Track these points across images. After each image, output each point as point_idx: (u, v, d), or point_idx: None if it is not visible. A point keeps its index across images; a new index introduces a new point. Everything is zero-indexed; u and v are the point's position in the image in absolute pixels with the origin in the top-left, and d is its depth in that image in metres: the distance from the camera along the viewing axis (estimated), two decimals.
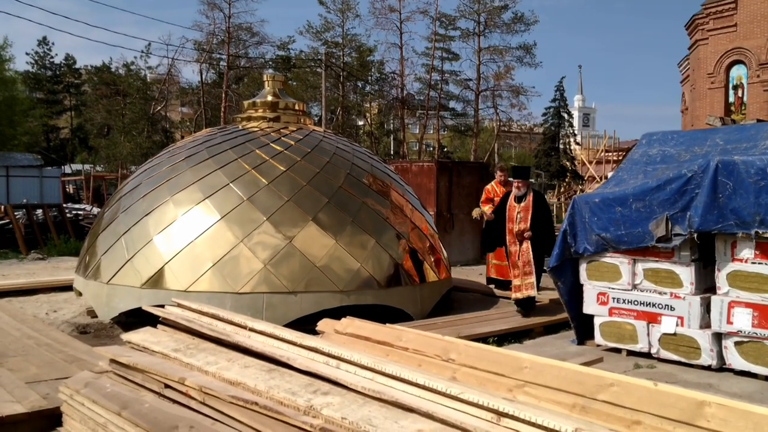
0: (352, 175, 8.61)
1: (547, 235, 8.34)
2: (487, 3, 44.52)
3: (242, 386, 3.33)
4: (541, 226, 8.35)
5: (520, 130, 58.41)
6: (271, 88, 9.83)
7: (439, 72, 46.46)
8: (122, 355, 4.17)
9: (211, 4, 40.72)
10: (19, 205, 18.89)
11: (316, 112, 43.18)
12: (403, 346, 4.74)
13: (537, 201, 8.49)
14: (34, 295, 10.11)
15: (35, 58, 55.17)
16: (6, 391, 4.98)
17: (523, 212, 8.39)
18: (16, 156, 31.55)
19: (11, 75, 36.60)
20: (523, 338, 7.65)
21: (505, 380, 3.81)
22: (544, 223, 8.43)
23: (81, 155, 50.48)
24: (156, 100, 43.57)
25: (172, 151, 9.42)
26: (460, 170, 15.00)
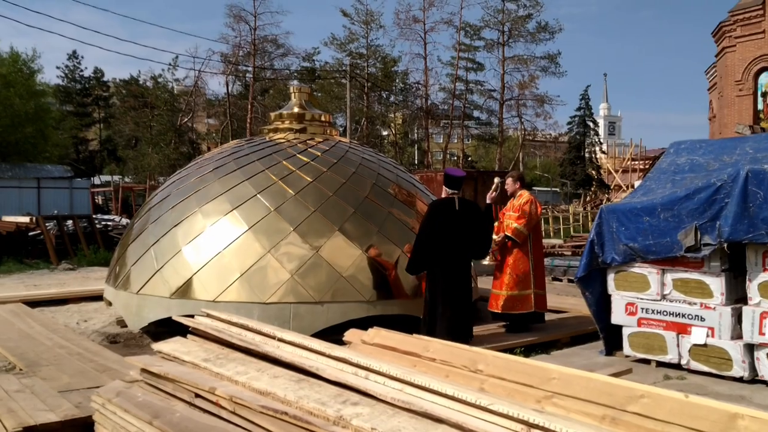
0: (378, 185, 8.64)
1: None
2: (512, 12, 44.58)
3: (272, 396, 3.35)
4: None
5: (545, 139, 58.25)
6: (297, 100, 9.91)
7: (463, 82, 46.52)
8: (153, 365, 4.22)
9: (237, 16, 41.29)
10: (50, 216, 19.21)
11: (341, 122, 43.38)
12: (430, 356, 4.74)
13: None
14: (65, 305, 10.27)
15: (65, 72, 56.21)
16: (40, 400, 5.07)
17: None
18: (47, 168, 32.15)
19: (42, 88, 37.25)
20: (551, 349, 7.60)
21: (534, 391, 3.80)
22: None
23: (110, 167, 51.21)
24: (183, 112, 44.13)
25: (201, 162, 9.54)
26: (485, 179, 15.01)
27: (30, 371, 6.05)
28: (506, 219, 8.02)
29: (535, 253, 7.95)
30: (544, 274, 8.25)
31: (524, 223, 7.79)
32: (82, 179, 34.68)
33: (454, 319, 6.80)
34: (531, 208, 7.89)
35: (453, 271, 6.91)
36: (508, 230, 7.83)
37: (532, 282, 7.82)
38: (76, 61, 56.56)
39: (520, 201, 7.99)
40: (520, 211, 7.88)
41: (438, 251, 6.87)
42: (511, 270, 7.76)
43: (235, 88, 46.90)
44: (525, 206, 7.88)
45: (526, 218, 7.81)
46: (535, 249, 7.96)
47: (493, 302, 7.96)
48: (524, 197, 7.99)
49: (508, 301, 7.76)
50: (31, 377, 5.82)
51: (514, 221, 7.84)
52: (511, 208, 8.08)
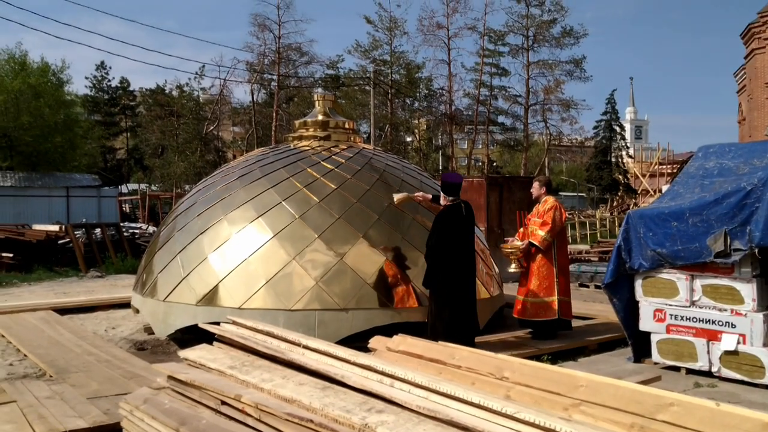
0: (402, 192, 8.62)
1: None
2: (536, 18, 44.41)
3: (297, 403, 3.36)
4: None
5: (571, 144, 57.81)
6: (321, 108, 9.95)
7: (488, 87, 46.45)
8: (180, 372, 4.25)
9: (261, 25, 41.62)
10: (78, 224, 19.47)
11: (365, 129, 43.50)
12: (455, 363, 4.71)
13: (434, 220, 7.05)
14: (93, 312, 10.39)
15: (93, 82, 57.05)
16: (69, 407, 5.13)
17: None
18: (75, 177, 32.64)
19: (71, 98, 37.84)
20: (578, 356, 7.53)
21: (561, 399, 3.75)
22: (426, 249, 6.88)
23: (137, 175, 51.85)
24: (208, 121, 44.56)
25: (226, 170, 9.61)
26: (511, 185, 14.89)
27: (60, 378, 6.13)
28: (531, 225, 7.98)
29: (560, 260, 7.91)
30: (569, 281, 8.16)
31: (549, 230, 7.74)
32: (110, 188, 35.19)
33: (468, 322, 6.69)
34: (555, 215, 7.83)
35: (466, 277, 6.80)
36: (533, 238, 7.81)
37: (557, 289, 7.76)
38: (104, 72, 57.43)
39: (545, 207, 7.95)
40: (545, 217, 7.83)
41: (452, 259, 6.70)
42: (536, 277, 7.74)
43: (260, 96, 47.29)
44: (549, 212, 7.82)
45: (551, 225, 7.76)
46: (559, 255, 7.91)
47: (517, 308, 7.93)
48: (549, 203, 7.95)
49: (533, 308, 7.73)
50: (60, 384, 5.89)
51: (538, 228, 7.80)
52: (535, 214, 8.03)
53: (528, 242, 7.82)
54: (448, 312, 6.60)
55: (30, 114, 31.45)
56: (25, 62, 33.46)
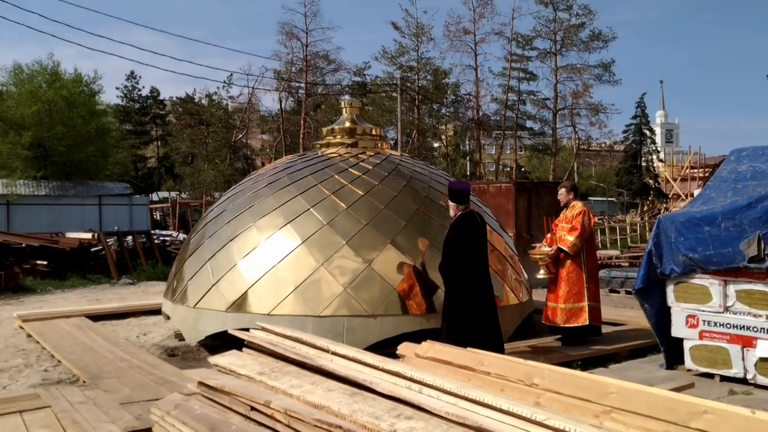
0: (430, 197, 8.63)
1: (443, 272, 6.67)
2: (564, 22, 44.17)
3: (326, 410, 3.36)
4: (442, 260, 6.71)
5: (600, 148, 57.29)
6: (348, 115, 10.00)
7: (515, 92, 46.27)
8: (210, 378, 4.28)
9: (289, 33, 41.98)
10: (110, 232, 19.75)
11: (392, 135, 43.54)
12: (485, 370, 4.69)
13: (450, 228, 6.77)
14: (125, 319, 10.52)
15: (124, 92, 57.94)
16: (102, 412, 5.20)
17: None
18: (108, 185, 33.12)
19: (102, 108, 38.44)
20: (609, 362, 7.44)
21: (591, 406, 3.72)
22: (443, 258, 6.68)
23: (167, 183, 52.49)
24: (237, 129, 44.98)
25: (255, 178, 9.69)
26: (539, 190, 14.80)
27: (93, 383, 6.22)
28: (559, 231, 7.93)
29: (589, 265, 7.84)
30: (598, 287, 8.08)
31: (578, 235, 7.69)
32: (141, 196, 35.72)
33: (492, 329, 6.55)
34: (585, 220, 7.77)
35: (484, 284, 6.65)
36: (562, 243, 7.75)
37: (587, 294, 7.69)
38: (134, 81, 58.31)
39: (573, 212, 7.89)
40: (574, 222, 7.78)
41: (471, 268, 6.57)
42: (565, 282, 7.68)
43: (288, 104, 47.65)
44: (578, 218, 7.77)
45: (580, 230, 7.71)
46: (589, 261, 7.85)
47: (547, 315, 7.87)
48: (577, 208, 7.89)
49: (563, 314, 7.67)
50: (93, 389, 5.98)
51: (567, 233, 7.75)
52: (563, 220, 7.98)
53: (557, 248, 7.76)
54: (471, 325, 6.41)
55: (63, 124, 31.99)
56: (58, 73, 34.07)
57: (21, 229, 24.70)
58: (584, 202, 39.29)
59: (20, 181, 30.14)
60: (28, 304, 12.45)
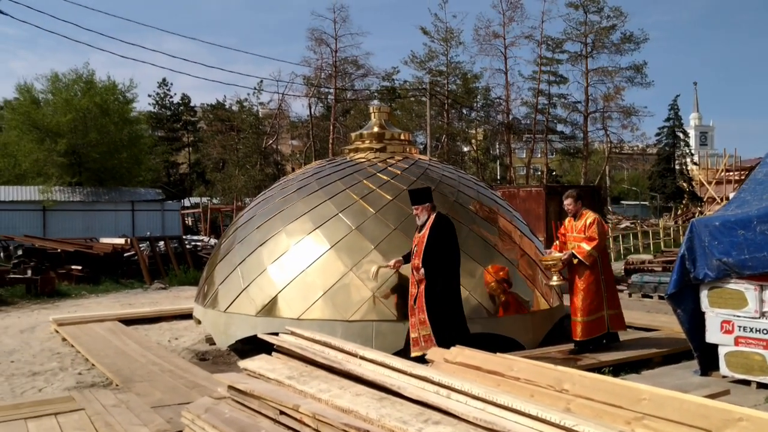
0: (459, 202, 8.60)
1: (437, 272, 6.67)
2: (595, 24, 43.78)
3: (354, 414, 3.37)
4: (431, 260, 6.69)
5: (633, 152, 56.63)
6: (377, 120, 10.02)
7: (546, 95, 45.95)
8: (239, 382, 4.31)
9: (318, 39, 42.18)
10: (143, 237, 20.02)
11: (421, 140, 43.53)
12: (514, 375, 4.66)
13: (434, 228, 6.78)
14: (157, 323, 10.64)
15: (156, 99, 58.75)
16: (134, 415, 5.27)
17: (419, 244, 6.86)
18: (140, 191, 33.60)
19: (136, 115, 39.03)
20: (641, 368, 7.33)
21: (623, 412, 3.67)
22: (434, 257, 6.67)
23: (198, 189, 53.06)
24: (267, 135, 45.33)
25: (284, 183, 9.75)
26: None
27: (125, 387, 6.30)
28: (571, 241, 7.73)
29: (606, 274, 7.69)
30: (616, 294, 7.94)
31: (595, 246, 7.51)
32: (173, 201, 36.10)
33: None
34: (600, 229, 7.60)
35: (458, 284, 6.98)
36: (579, 252, 7.51)
37: (605, 304, 7.60)
38: (166, 89, 59.10)
39: (585, 220, 7.69)
40: (589, 232, 7.57)
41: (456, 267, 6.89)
42: (585, 294, 7.54)
43: (318, 110, 47.89)
44: (594, 227, 7.58)
45: (598, 240, 7.53)
46: (604, 270, 7.69)
47: (575, 331, 7.69)
48: (590, 217, 7.70)
49: (586, 327, 7.55)
50: (126, 393, 6.05)
51: (585, 243, 7.52)
52: (573, 229, 7.78)
53: (570, 253, 7.56)
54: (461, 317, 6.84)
55: (97, 131, 32.54)
56: (92, 81, 34.68)
57: (56, 234, 25.17)
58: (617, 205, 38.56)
59: (56, 187, 30.71)
60: (63, 309, 12.67)
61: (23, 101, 33.96)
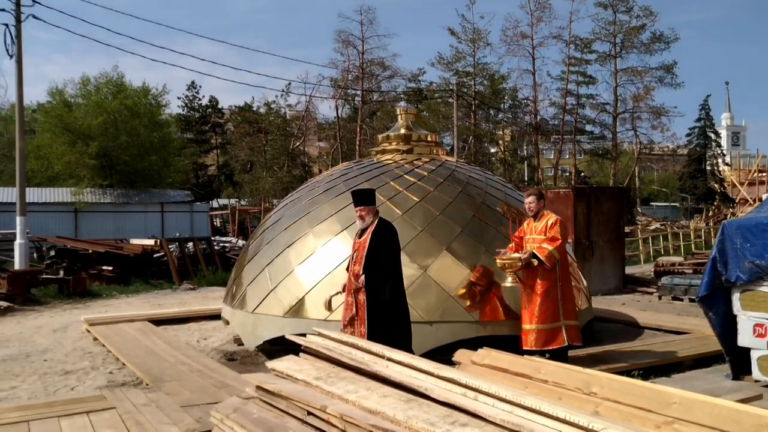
0: (486, 203, 8.57)
1: (379, 281, 6.19)
2: (624, 24, 43.32)
3: (381, 415, 3.37)
4: (373, 267, 6.21)
5: (663, 152, 55.89)
6: (404, 121, 10.03)
7: (574, 96, 45.57)
8: (267, 382, 4.35)
9: (345, 41, 42.27)
10: (172, 238, 20.24)
11: (448, 141, 43.43)
12: (542, 378, 4.63)
13: (377, 234, 6.36)
14: (186, 324, 10.76)
15: (185, 101, 59.31)
16: (164, 414, 5.33)
17: (360, 250, 6.41)
18: (169, 193, 33.95)
19: (166, 118, 39.47)
20: (671, 372, 7.24)
21: (653, 416, 3.63)
22: (376, 264, 6.20)
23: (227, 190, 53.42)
24: (295, 137, 45.51)
25: (312, 185, 9.80)
26: (599, 196, 14.54)
27: (155, 386, 6.39)
28: (530, 242, 7.06)
29: (563, 281, 7.02)
30: (574, 303, 7.29)
31: (557, 246, 6.86)
32: (202, 203, 36.43)
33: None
34: (562, 230, 6.99)
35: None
36: (540, 252, 6.84)
37: (561, 313, 6.91)
38: (195, 91, 59.58)
39: (546, 221, 7.05)
40: (551, 232, 6.93)
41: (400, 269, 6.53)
42: (541, 300, 6.88)
43: (345, 112, 47.98)
44: (555, 227, 6.96)
45: (560, 241, 6.90)
46: (562, 275, 7.02)
47: (524, 339, 6.97)
48: (551, 218, 7.09)
49: (541, 337, 6.84)
50: (156, 392, 6.13)
51: (547, 244, 6.87)
52: (533, 230, 7.12)
53: (530, 253, 6.88)
54: (404, 330, 6.33)
55: (128, 134, 32.95)
56: (123, 84, 35.14)
57: (87, 235, 25.55)
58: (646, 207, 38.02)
59: (87, 189, 31.14)
60: (94, 309, 12.86)
61: (56, 104, 34.51)
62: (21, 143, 17.86)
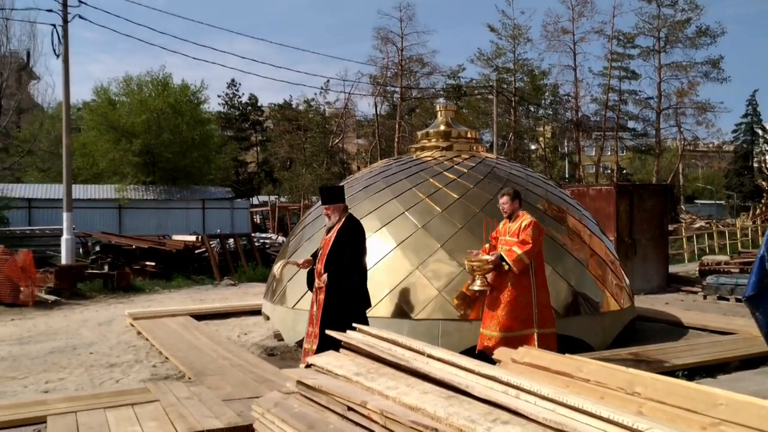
0: (526, 201, 8.49)
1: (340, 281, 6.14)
2: (668, 18, 42.51)
3: (422, 412, 3.37)
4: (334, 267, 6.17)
5: (708, 149, 54.77)
6: (443, 118, 9.99)
7: (616, 92, 44.91)
8: (308, 378, 4.38)
9: (384, 38, 42.27)
10: (213, 235, 20.50)
11: (488, 138, 43.17)
12: (583, 377, 4.59)
13: (342, 232, 6.30)
14: (227, 319, 10.89)
15: (225, 99, 60.01)
16: (206, 407, 5.41)
17: (324, 247, 6.35)
18: (210, 190, 34.40)
19: (207, 116, 39.97)
20: (717, 373, 7.10)
21: (698, 417, 3.57)
22: (338, 264, 6.17)
23: (266, 187, 53.92)
24: (334, 134, 45.72)
25: (351, 182, 9.83)
26: (642, 193, 14.31)
27: (197, 380, 6.48)
28: (503, 244, 6.66)
29: (539, 286, 6.56)
30: (551, 310, 6.74)
31: (527, 251, 6.41)
32: (242, 200, 36.82)
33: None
34: (535, 233, 6.49)
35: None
36: (508, 255, 6.43)
37: (535, 320, 6.45)
38: (235, 89, 60.25)
39: (520, 223, 6.61)
40: (523, 235, 6.51)
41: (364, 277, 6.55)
42: (510, 308, 6.41)
43: (383, 109, 48.03)
44: (528, 230, 6.50)
45: (531, 245, 6.44)
46: (537, 280, 6.55)
47: (480, 342, 6.57)
48: (526, 219, 6.63)
49: (508, 344, 6.19)
50: (198, 386, 6.22)
51: (517, 247, 6.45)
52: (506, 232, 6.72)
53: (499, 255, 6.49)
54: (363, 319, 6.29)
55: (170, 132, 33.45)
56: (167, 83, 35.68)
57: (131, 231, 26.04)
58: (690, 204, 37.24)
59: (131, 186, 31.73)
60: (138, 303, 13.11)
61: (100, 103, 35.19)
62: (67, 141, 18.25)
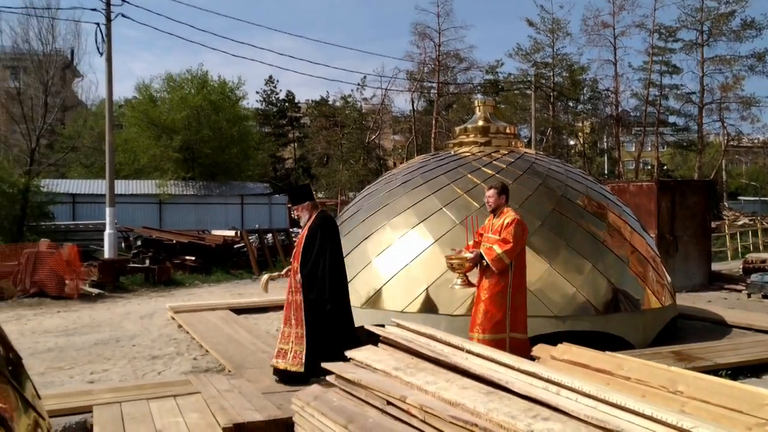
0: (566, 197, 8.42)
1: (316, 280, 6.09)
2: (712, 11, 41.56)
3: (461, 407, 3.37)
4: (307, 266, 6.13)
5: (753, 145, 53.47)
6: (482, 113, 9.94)
7: (657, 86, 44.10)
8: (347, 372, 4.41)
9: (422, 34, 42.11)
10: (252, 230, 20.73)
11: (526, 133, 42.81)
12: (624, 375, 4.54)
13: (312, 230, 6.25)
14: (265, 313, 11.01)
15: (263, 96, 60.51)
16: (246, 400, 5.48)
17: (298, 246, 6.35)
18: (249, 185, 34.75)
19: (245, 112, 40.37)
20: (762, 373, 6.95)
21: (743, 417, 3.51)
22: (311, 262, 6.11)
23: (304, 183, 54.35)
24: (371, 130, 45.80)
25: (389, 178, 9.85)
26: (684, 189, 14.06)
27: (237, 373, 6.57)
28: (486, 241, 6.40)
29: (515, 287, 6.28)
30: (524, 314, 6.41)
31: (507, 250, 6.13)
32: (280, 195, 37.13)
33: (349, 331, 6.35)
34: (517, 231, 6.19)
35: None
36: (487, 254, 6.21)
37: (508, 324, 6.20)
38: (272, 86, 60.69)
39: (503, 220, 6.31)
40: (504, 233, 6.22)
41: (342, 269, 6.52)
42: (486, 307, 6.25)
43: (420, 105, 47.93)
44: (509, 228, 6.20)
45: (512, 244, 6.15)
46: (515, 282, 6.28)
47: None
48: (509, 216, 6.32)
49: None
50: (238, 378, 6.31)
51: (497, 245, 6.19)
52: (491, 228, 6.43)
53: (478, 253, 6.28)
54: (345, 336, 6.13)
55: (210, 128, 33.88)
56: (206, 80, 36.12)
57: (171, 226, 26.44)
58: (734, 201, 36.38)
59: (171, 181, 32.20)
60: (178, 297, 13.33)
61: (142, 100, 35.80)
62: (110, 137, 18.61)
